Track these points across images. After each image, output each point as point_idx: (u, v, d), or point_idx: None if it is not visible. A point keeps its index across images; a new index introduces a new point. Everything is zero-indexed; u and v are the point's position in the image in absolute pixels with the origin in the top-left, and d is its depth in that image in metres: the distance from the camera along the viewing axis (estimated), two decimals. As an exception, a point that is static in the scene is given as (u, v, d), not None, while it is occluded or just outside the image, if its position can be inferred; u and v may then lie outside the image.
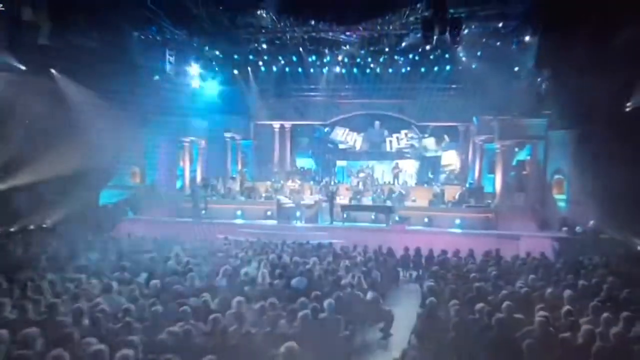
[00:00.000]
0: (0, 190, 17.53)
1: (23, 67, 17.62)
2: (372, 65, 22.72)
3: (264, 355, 5.71)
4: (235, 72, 23.73)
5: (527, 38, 18.71)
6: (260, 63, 23.53)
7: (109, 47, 16.97)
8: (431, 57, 21.69)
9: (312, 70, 23.67)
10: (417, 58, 21.94)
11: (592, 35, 15.87)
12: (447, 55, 21.34)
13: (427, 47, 19.88)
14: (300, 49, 21.87)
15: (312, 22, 18.93)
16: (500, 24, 18.29)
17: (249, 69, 23.70)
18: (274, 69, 23.79)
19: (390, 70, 22.80)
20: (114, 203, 20.21)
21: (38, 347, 5.56)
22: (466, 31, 17.71)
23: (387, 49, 20.98)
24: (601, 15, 15.06)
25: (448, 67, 22.10)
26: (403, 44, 20.00)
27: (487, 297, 7.89)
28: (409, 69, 22.50)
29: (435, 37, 16.53)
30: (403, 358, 5.29)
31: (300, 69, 23.70)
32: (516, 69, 20.99)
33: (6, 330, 5.70)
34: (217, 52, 21.12)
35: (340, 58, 22.55)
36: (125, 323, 6.29)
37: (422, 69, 22.43)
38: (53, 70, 17.69)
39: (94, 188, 19.82)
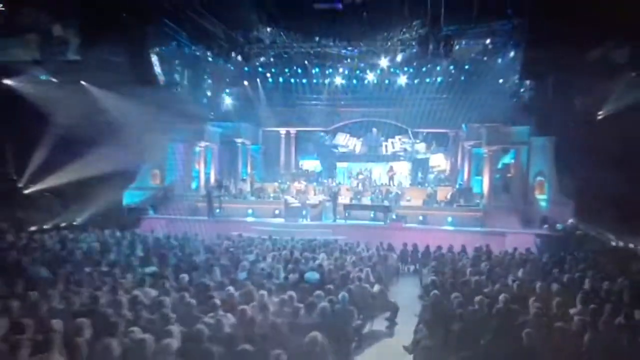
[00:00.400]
0: (35, 191, 17.73)
1: (54, 80, 17.75)
2: (370, 77, 22.89)
3: (289, 344, 5.77)
4: (246, 83, 23.88)
5: (511, 53, 18.87)
6: (268, 75, 23.73)
7: (133, 61, 16.99)
8: (424, 69, 21.88)
9: (315, 81, 23.89)
10: (411, 71, 22.12)
11: (569, 52, 16.06)
12: (438, 68, 21.51)
13: (421, 61, 20.27)
14: (305, 62, 22.00)
15: (317, 39, 19.00)
16: (488, 41, 18.40)
17: (258, 80, 23.85)
18: (281, 80, 23.98)
19: (386, 81, 22.98)
20: (136, 202, 20.25)
21: (88, 336, 5.62)
22: (457, 47, 17.89)
23: (384, 63, 21.08)
24: (578, 36, 15.28)
25: (440, 79, 22.25)
26: (399, 58, 20.07)
27: (483, 289, 8.01)
28: (404, 80, 22.65)
29: (429, 52, 16.80)
30: (416, 345, 5.39)
31: (304, 80, 23.89)
32: (500, 81, 21.19)
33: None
34: (230, 66, 21.18)
35: (341, 70, 22.68)
36: (163, 314, 6.32)
37: (416, 81, 22.57)
38: (83, 82, 17.73)
39: (118, 189, 19.89)
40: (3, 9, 16.01)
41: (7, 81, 17.46)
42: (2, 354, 5.07)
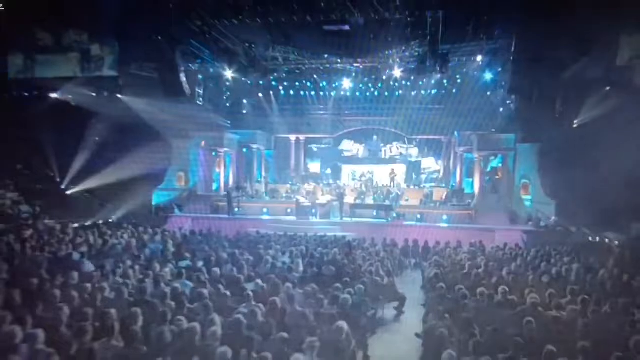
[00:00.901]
0: (76, 192, 17.91)
1: (93, 93, 17.91)
2: (372, 90, 23.00)
3: (316, 332, 5.83)
4: (260, 95, 24.01)
5: (499, 69, 18.93)
6: (281, 88, 23.86)
7: (163, 77, 17.10)
8: (420, 83, 21.97)
9: (323, 93, 24.02)
10: (409, 84, 22.21)
11: (551, 68, 16.19)
12: (433, 82, 21.57)
13: (418, 75, 20.30)
14: (315, 77, 22.08)
15: (326, 56, 19.10)
16: (479, 58, 18.45)
17: (272, 92, 23.97)
18: (292, 92, 24.11)
19: (386, 93, 23.11)
20: (164, 202, 20.38)
21: (140, 324, 5.72)
22: (451, 63, 17.93)
23: (384, 77, 21.14)
24: (557, 54, 15.43)
25: (434, 91, 22.38)
26: (399, 73, 20.11)
27: (482, 282, 8.10)
28: (402, 92, 22.77)
29: (427, 69, 16.86)
30: (430, 332, 5.49)
31: (313, 93, 24.01)
32: (489, 93, 21.28)
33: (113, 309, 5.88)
34: (248, 80, 21.30)
35: (346, 84, 22.78)
36: (205, 304, 6.39)
37: (413, 93, 22.70)
38: (118, 95, 17.90)
39: (148, 190, 20.04)
40: (3, 8, 15.95)
41: (52, 94, 17.66)
42: (69, 338, 5.21)
